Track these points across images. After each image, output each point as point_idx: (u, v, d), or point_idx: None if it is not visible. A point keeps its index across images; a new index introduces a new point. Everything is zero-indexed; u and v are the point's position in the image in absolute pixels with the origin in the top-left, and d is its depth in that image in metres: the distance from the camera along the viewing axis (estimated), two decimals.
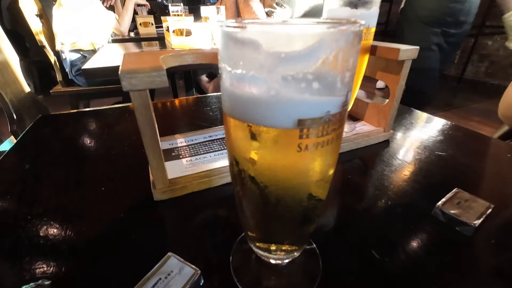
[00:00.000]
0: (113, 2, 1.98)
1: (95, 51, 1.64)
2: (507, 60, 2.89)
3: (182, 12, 1.30)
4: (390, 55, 0.41)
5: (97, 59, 1.09)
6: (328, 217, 0.33)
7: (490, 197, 0.33)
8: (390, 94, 0.45)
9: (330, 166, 0.19)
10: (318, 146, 0.16)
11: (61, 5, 1.56)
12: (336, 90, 0.15)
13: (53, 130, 0.56)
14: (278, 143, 0.16)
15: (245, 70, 0.15)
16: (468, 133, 0.54)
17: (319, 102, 0.15)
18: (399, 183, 0.40)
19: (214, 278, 0.25)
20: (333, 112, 0.16)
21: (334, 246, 0.29)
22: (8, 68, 0.87)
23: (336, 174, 0.42)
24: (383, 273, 0.26)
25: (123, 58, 0.32)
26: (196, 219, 0.32)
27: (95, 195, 0.36)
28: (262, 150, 0.17)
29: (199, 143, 0.45)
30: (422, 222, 0.31)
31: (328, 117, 0.15)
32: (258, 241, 0.24)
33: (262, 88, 0.15)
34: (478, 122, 2.31)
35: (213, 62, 0.35)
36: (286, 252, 0.24)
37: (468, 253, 0.28)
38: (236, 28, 0.15)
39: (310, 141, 0.16)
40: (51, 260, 0.27)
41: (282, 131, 0.16)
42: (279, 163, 0.17)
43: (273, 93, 0.15)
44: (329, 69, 0.14)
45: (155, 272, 0.24)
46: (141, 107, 0.29)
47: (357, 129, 0.49)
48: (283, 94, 0.14)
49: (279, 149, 0.16)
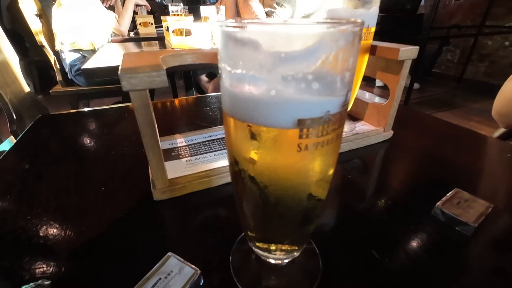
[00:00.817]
0: (112, 2, 1.98)
1: (94, 51, 1.64)
2: (507, 60, 2.89)
3: (181, 12, 1.30)
4: (390, 55, 0.41)
5: (96, 59, 1.09)
6: (328, 217, 0.33)
7: (490, 197, 0.33)
8: (390, 94, 0.45)
9: (330, 166, 0.19)
10: (318, 146, 0.16)
11: (60, 4, 1.55)
12: (336, 90, 0.15)
13: (53, 130, 0.56)
14: (278, 143, 0.16)
15: (245, 70, 0.15)
16: (468, 133, 0.54)
17: (319, 102, 0.15)
18: (399, 183, 0.40)
19: (214, 278, 0.25)
20: (333, 112, 0.15)
21: (334, 246, 0.29)
22: (7, 68, 0.87)
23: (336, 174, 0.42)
24: (383, 273, 0.26)
25: (122, 58, 0.32)
26: (196, 219, 0.32)
27: (95, 195, 0.36)
28: (262, 150, 0.17)
29: (199, 143, 0.45)
30: (422, 222, 0.31)
31: (328, 117, 0.15)
32: (258, 241, 0.24)
33: (262, 88, 0.15)
34: (478, 122, 2.31)
35: (212, 62, 0.35)
36: (286, 252, 0.24)
37: (468, 253, 0.28)
38: (236, 28, 0.15)
39: (310, 141, 0.16)
40: (51, 260, 0.27)
41: (282, 131, 0.16)
42: (279, 163, 0.17)
43: (273, 93, 0.15)
44: (329, 69, 0.14)
45: (155, 272, 0.24)
46: (141, 107, 0.29)
47: (357, 129, 0.49)
48: (283, 94, 0.14)
49: (279, 149, 0.16)
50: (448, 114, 2.53)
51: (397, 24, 2.78)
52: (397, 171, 0.43)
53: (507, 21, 2.82)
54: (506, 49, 2.89)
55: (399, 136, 0.50)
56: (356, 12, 0.39)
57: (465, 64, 3.20)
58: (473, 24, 3.02)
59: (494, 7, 2.87)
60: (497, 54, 2.97)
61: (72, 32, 1.60)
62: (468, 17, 3.07)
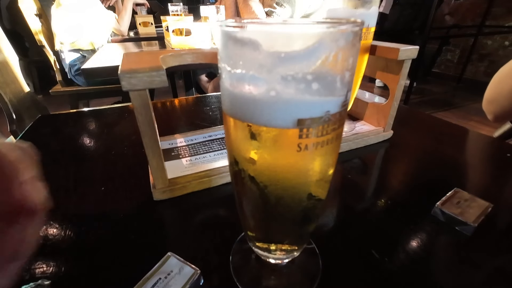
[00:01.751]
0: (112, 3, 1.98)
1: (94, 51, 1.63)
2: (507, 60, 2.85)
3: (181, 12, 1.30)
4: (389, 54, 0.41)
5: (96, 59, 1.08)
6: (328, 217, 0.33)
7: (489, 197, 0.33)
8: (390, 93, 0.45)
9: (330, 165, 0.19)
10: (317, 146, 0.16)
11: (60, 4, 1.55)
12: (336, 90, 0.15)
13: (53, 130, 0.56)
14: (278, 142, 0.16)
15: (244, 70, 0.15)
16: (468, 133, 0.54)
17: (319, 102, 0.15)
18: (398, 182, 0.40)
19: (214, 278, 0.25)
20: (333, 111, 0.15)
21: (334, 246, 0.29)
22: (7, 68, 0.87)
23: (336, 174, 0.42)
24: (383, 272, 0.26)
25: (122, 58, 0.32)
26: (196, 219, 0.32)
27: (95, 195, 0.36)
28: (261, 149, 0.17)
29: (199, 143, 0.45)
30: (421, 221, 0.31)
31: (327, 116, 0.15)
32: (258, 240, 0.24)
33: (261, 88, 0.15)
34: (478, 122, 2.31)
35: (212, 62, 0.35)
36: (286, 251, 0.24)
37: (468, 253, 0.28)
38: (236, 28, 0.14)
39: (310, 140, 0.16)
40: (50, 260, 0.27)
41: (282, 130, 0.16)
42: (278, 162, 0.17)
43: (273, 93, 0.15)
44: (329, 69, 0.14)
45: (155, 271, 0.24)
46: (141, 107, 0.29)
47: (356, 128, 0.49)
48: (283, 94, 0.14)
49: (279, 148, 0.16)
50: (448, 114, 2.53)
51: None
52: (397, 171, 0.43)
53: (507, 21, 2.82)
54: (506, 49, 2.89)
55: (399, 136, 0.50)
56: (356, 12, 0.39)
57: (465, 64, 3.20)
58: (473, 24, 3.02)
59: (494, 7, 2.87)
60: (497, 54, 2.97)
61: (71, 32, 1.59)
62: (468, 17, 3.07)
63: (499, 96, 0.55)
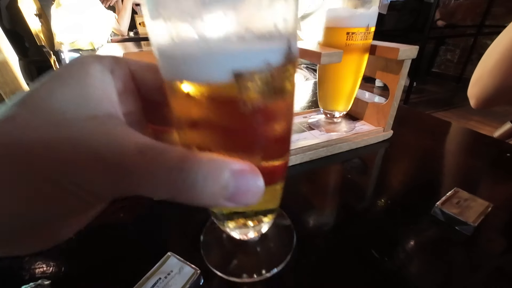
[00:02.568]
0: (112, 3, 1.98)
1: (94, 51, 1.64)
2: None
3: None
4: (389, 54, 0.41)
5: None
6: (327, 216, 0.33)
7: (489, 197, 0.33)
8: (390, 93, 0.45)
9: (280, 125, 0.17)
10: (261, 102, 0.14)
11: (60, 4, 1.55)
12: (273, 36, 0.13)
13: None
14: (216, 100, 0.14)
15: (166, 19, 0.13)
16: (468, 132, 0.54)
17: (255, 51, 0.13)
18: (398, 182, 0.40)
19: (214, 278, 0.25)
20: (275, 63, 0.14)
21: (334, 246, 0.29)
22: (7, 67, 0.87)
23: (336, 174, 0.42)
24: (382, 272, 0.26)
25: None
26: (196, 218, 0.32)
27: None
28: (201, 110, 0.15)
29: None
30: (421, 221, 0.31)
31: (268, 68, 0.14)
32: (227, 218, 0.22)
33: (187, 37, 0.13)
34: (478, 122, 2.31)
35: None
36: (258, 222, 0.22)
37: (468, 253, 0.28)
38: None
39: (251, 95, 0.14)
40: (50, 260, 0.27)
41: (219, 86, 0.14)
42: (221, 124, 0.15)
43: (200, 43, 0.12)
44: (262, 9, 0.12)
45: (155, 271, 0.24)
46: None
47: (356, 128, 0.49)
48: (211, 42, 0.13)
49: (219, 107, 0.14)
50: (447, 113, 2.53)
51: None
52: (396, 170, 0.43)
53: (507, 21, 2.79)
54: None
55: (399, 135, 0.50)
56: (356, 11, 0.39)
57: (465, 64, 3.20)
58: (473, 23, 3.02)
59: (493, 7, 2.87)
60: None
61: (71, 32, 1.60)
62: (467, 16, 3.07)
63: (483, 75, 0.54)
